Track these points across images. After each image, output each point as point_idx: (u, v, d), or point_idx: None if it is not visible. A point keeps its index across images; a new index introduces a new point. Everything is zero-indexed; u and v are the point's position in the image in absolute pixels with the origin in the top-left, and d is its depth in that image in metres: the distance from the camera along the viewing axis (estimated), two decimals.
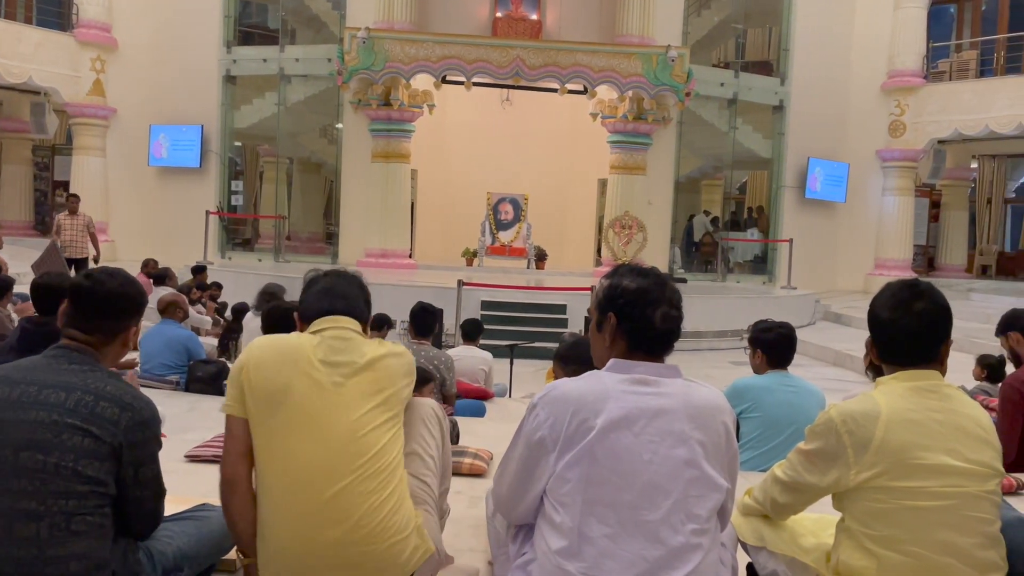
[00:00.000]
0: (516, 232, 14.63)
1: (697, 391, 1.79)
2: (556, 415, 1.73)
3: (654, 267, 1.96)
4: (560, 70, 12.76)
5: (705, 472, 1.73)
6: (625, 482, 1.68)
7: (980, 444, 1.84)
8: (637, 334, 1.81)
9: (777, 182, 15.75)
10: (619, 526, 1.67)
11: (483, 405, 5.72)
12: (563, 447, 1.71)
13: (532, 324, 10.01)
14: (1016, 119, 14.77)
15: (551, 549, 1.70)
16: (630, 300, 1.81)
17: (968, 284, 16.71)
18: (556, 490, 1.73)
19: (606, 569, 1.65)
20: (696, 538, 1.69)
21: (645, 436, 1.70)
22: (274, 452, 1.93)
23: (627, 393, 1.73)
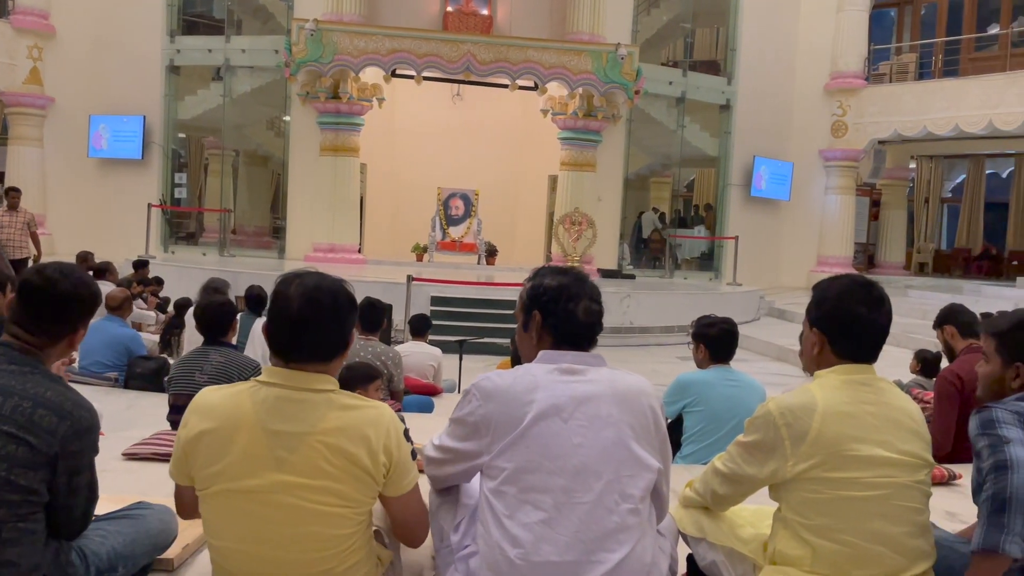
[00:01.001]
0: (467, 228, 14.60)
1: (623, 377, 1.89)
2: (488, 403, 1.81)
3: (572, 266, 2.03)
4: (511, 66, 12.77)
5: (635, 452, 1.81)
6: (557, 467, 1.75)
7: (911, 436, 1.89)
8: (562, 328, 1.91)
9: (724, 180, 16.00)
10: (555, 510, 1.73)
11: (431, 401, 5.71)
12: (495, 434, 1.79)
13: (482, 320, 10.00)
14: (952, 121, 15.24)
15: (491, 538, 1.75)
16: (552, 297, 1.91)
17: (906, 281, 17.20)
18: (492, 480, 1.79)
19: (544, 553, 1.71)
20: (631, 517, 1.77)
21: (574, 422, 1.79)
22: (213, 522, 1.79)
23: (555, 382, 1.82)
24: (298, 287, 1.77)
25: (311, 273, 1.84)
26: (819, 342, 1.98)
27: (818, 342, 1.98)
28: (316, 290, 1.77)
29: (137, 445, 3.37)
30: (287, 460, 1.70)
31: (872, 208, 19.80)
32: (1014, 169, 18.90)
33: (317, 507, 1.71)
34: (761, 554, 2.01)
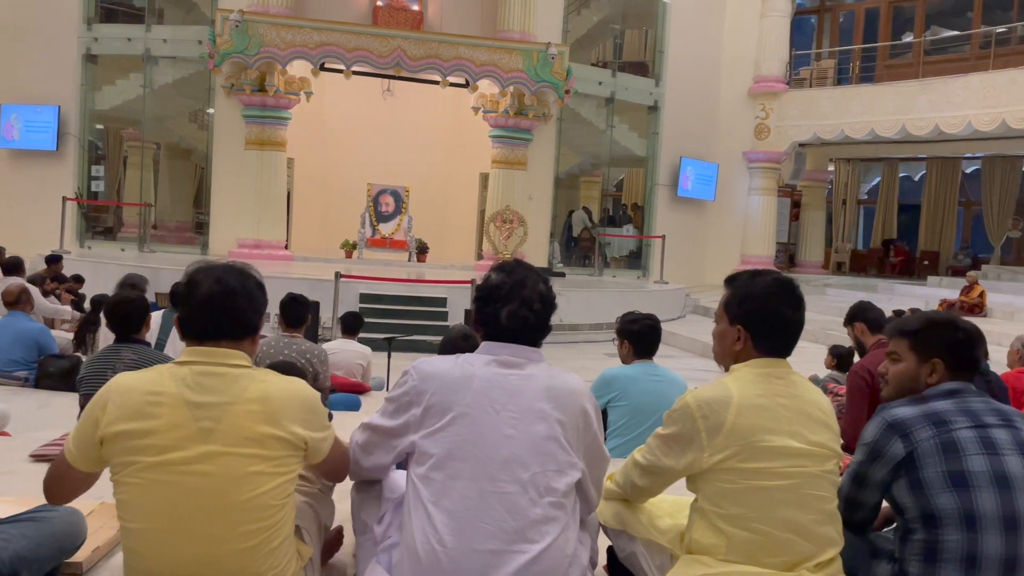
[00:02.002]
0: (397, 224, 14.48)
1: (559, 375, 1.93)
2: (425, 383, 1.85)
3: (528, 266, 2.03)
4: (442, 62, 12.72)
5: (563, 449, 1.85)
6: (486, 455, 1.78)
7: (821, 427, 1.96)
8: (487, 327, 1.95)
9: (651, 180, 16.27)
10: (479, 499, 1.76)
11: (358, 399, 5.64)
12: (427, 414, 1.83)
13: (412, 317, 9.94)
14: (869, 125, 15.83)
15: (414, 524, 1.77)
16: (485, 295, 1.95)
17: (824, 280, 17.81)
18: (420, 466, 1.82)
19: (467, 540, 1.73)
20: (554, 511, 1.79)
21: (506, 413, 1.82)
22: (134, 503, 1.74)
23: (492, 373, 1.86)
24: (206, 272, 1.84)
25: (220, 262, 1.91)
26: (743, 339, 2.02)
27: (741, 338, 2.02)
28: (224, 271, 1.84)
29: (46, 446, 3.24)
30: (214, 430, 1.71)
31: (793, 209, 20.42)
32: (925, 173, 19.74)
33: (246, 475, 1.72)
34: (678, 544, 2.05)
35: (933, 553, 1.87)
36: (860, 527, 2.12)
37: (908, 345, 2.15)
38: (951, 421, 1.94)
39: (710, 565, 1.89)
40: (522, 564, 1.74)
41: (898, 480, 1.95)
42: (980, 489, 1.85)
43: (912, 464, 1.92)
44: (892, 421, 1.98)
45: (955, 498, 1.86)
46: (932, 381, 2.08)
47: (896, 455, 1.95)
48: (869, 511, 2.09)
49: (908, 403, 2.02)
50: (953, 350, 2.07)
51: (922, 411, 1.98)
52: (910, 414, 1.98)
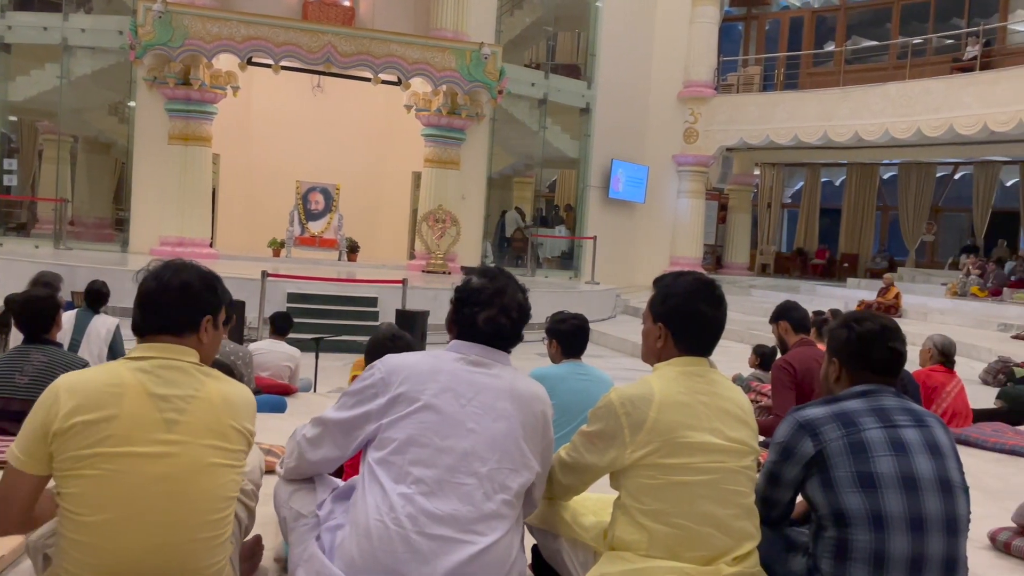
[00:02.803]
0: (327, 223, 14.25)
1: (523, 379, 2.01)
2: (392, 375, 1.89)
3: (509, 275, 2.09)
4: (373, 59, 12.59)
5: (521, 449, 1.91)
6: (447, 446, 1.83)
7: (739, 424, 2.00)
8: (462, 329, 2.00)
9: (583, 182, 16.42)
10: (436, 486, 1.80)
11: (284, 401, 5.52)
12: (392, 404, 1.86)
13: (341, 317, 9.80)
14: (793, 131, 16.30)
15: (369, 504, 1.79)
16: (465, 298, 2.01)
17: (750, 281, 18.28)
18: (380, 450, 1.85)
19: (420, 523, 1.76)
20: (505, 509, 1.85)
21: (471, 408, 1.88)
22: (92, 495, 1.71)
23: (460, 369, 1.93)
24: (154, 270, 1.90)
25: (174, 260, 1.96)
26: (663, 336, 2.06)
27: (662, 336, 2.06)
28: (165, 267, 1.90)
29: None
30: (178, 421, 1.75)
31: (720, 212, 20.89)
32: (846, 178, 20.43)
33: (208, 465, 1.77)
34: (601, 541, 2.06)
35: (843, 551, 1.92)
36: (776, 523, 2.16)
37: (828, 346, 2.22)
38: (860, 421, 1.98)
39: (631, 561, 1.91)
40: (469, 555, 1.77)
41: (810, 478, 1.99)
42: (887, 490, 1.90)
43: (822, 463, 1.96)
44: (802, 421, 2.02)
45: (863, 499, 1.90)
46: (834, 380, 2.14)
47: (806, 454, 1.99)
48: (784, 508, 2.13)
49: (820, 403, 2.07)
50: (848, 350, 2.11)
51: (832, 411, 2.02)
52: (820, 414, 2.02)
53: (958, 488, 1.96)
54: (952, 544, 1.92)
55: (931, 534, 1.89)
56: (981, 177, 18.10)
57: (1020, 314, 12.29)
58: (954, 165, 18.83)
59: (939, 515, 1.90)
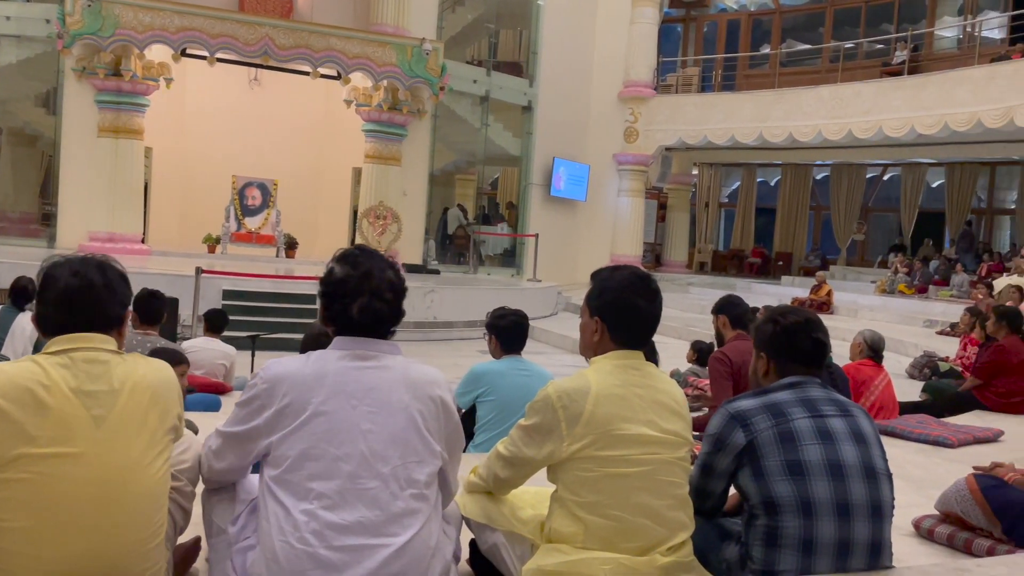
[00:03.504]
0: (264, 218, 13.98)
1: (416, 366, 1.92)
2: (275, 387, 1.80)
3: (372, 252, 1.98)
4: (312, 53, 12.39)
5: (424, 440, 1.84)
6: (344, 453, 1.75)
7: (673, 416, 2.03)
8: (338, 323, 1.90)
9: (525, 179, 16.45)
10: (339, 496, 1.73)
11: (218, 400, 5.40)
12: (280, 417, 1.78)
13: (279, 314, 9.64)
14: (729, 132, 16.61)
15: (272, 526, 1.73)
16: (331, 291, 1.90)
17: (688, 279, 18.58)
18: (275, 468, 1.77)
19: (327, 538, 1.70)
20: (416, 503, 1.79)
21: (364, 407, 1.80)
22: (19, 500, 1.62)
23: (347, 368, 1.83)
24: (65, 266, 1.80)
25: (76, 255, 1.88)
26: (599, 330, 2.07)
27: (598, 330, 2.07)
28: (82, 263, 1.81)
29: None
30: (106, 417, 1.69)
31: (659, 210, 21.18)
32: (781, 178, 20.92)
33: (140, 463, 1.72)
34: (539, 534, 2.07)
35: (774, 538, 1.96)
36: (710, 513, 2.20)
37: (755, 342, 2.27)
38: (789, 412, 2.04)
39: (568, 553, 1.92)
40: (385, 558, 1.72)
41: (742, 468, 2.04)
42: (815, 477, 1.96)
43: (753, 453, 2.01)
44: (734, 412, 2.07)
45: (792, 486, 1.95)
46: (763, 373, 2.19)
47: (738, 444, 2.03)
48: (717, 498, 2.18)
49: (751, 395, 2.12)
50: (774, 343, 2.16)
51: (762, 402, 2.07)
52: (751, 405, 2.07)
53: (882, 475, 2.03)
54: (877, 529, 1.98)
55: (857, 519, 1.95)
56: (909, 178, 18.73)
57: (944, 311, 12.75)
58: (883, 166, 19.45)
59: (864, 501, 1.97)
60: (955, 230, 18.01)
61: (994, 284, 12.39)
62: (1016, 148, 15.37)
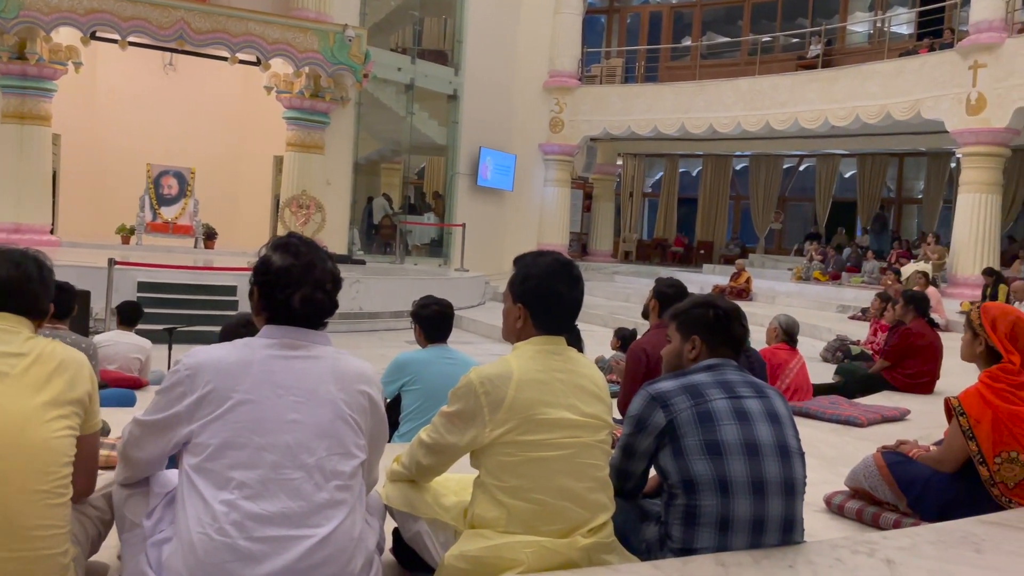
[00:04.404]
0: (181, 208, 13.56)
1: (346, 358, 1.89)
2: (197, 371, 1.76)
3: (311, 243, 1.95)
4: (230, 38, 12.04)
5: (352, 431, 1.82)
6: (268, 443, 1.72)
7: (594, 400, 2.06)
8: (276, 312, 1.86)
9: (452, 169, 16.39)
10: (261, 486, 1.70)
11: (133, 394, 5.23)
12: (202, 404, 1.74)
13: (197, 307, 9.38)
14: (652, 123, 16.88)
15: (190, 517, 1.69)
16: (271, 281, 1.85)
17: (613, 268, 18.85)
18: (195, 456, 1.73)
19: (248, 529, 1.67)
20: (340, 494, 1.77)
21: (290, 397, 1.76)
22: None
23: (274, 358, 1.80)
24: (5, 255, 1.90)
25: (15, 247, 1.96)
26: (522, 316, 2.08)
27: (522, 316, 2.08)
28: (23, 256, 1.92)
29: None
30: (8, 374, 1.75)
31: (585, 200, 21.40)
32: (702, 169, 21.37)
33: (40, 417, 1.75)
34: (462, 520, 2.07)
35: (692, 517, 2.02)
36: (631, 494, 2.24)
37: (675, 326, 2.32)
38: (707, 393, 2.10)
39: (490, 537, 1.93)
40: (306, 549, 1.69)
41: (662, 449, 2.09)
42: (732, 456, 2.02)
43: (673, 433, 2.06)
44: (654, 394, 2.12)
45: (710, 465, 2.01)
46: (692, 357, 2.25)
47: (658, 425, 2.08)
48: (638, 479, 2.22)
49: (670, 377, 2.18)
50: (709, 327, 2.24)
51: (681, 384, 2.13)
52: (670, 387, 2.12)
53: (795, 453, 2.10)
54: (790, 505, 2.06)
55: (771, 497, 2.02)
56: (823, 169, 19.38)
57: (856, 296, 13.26)
58: (799, 157, 20.07)
59: (778, 479, 2.03)
60: (866, 219, 18.74)
61: (902, 270, 12.95)
62: (923, 140, 16.07)
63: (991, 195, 12.51)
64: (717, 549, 2.00)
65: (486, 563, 1.91)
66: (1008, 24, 12.17)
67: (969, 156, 12.61)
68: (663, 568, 1.94)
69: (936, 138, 14.72)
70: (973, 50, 12.24)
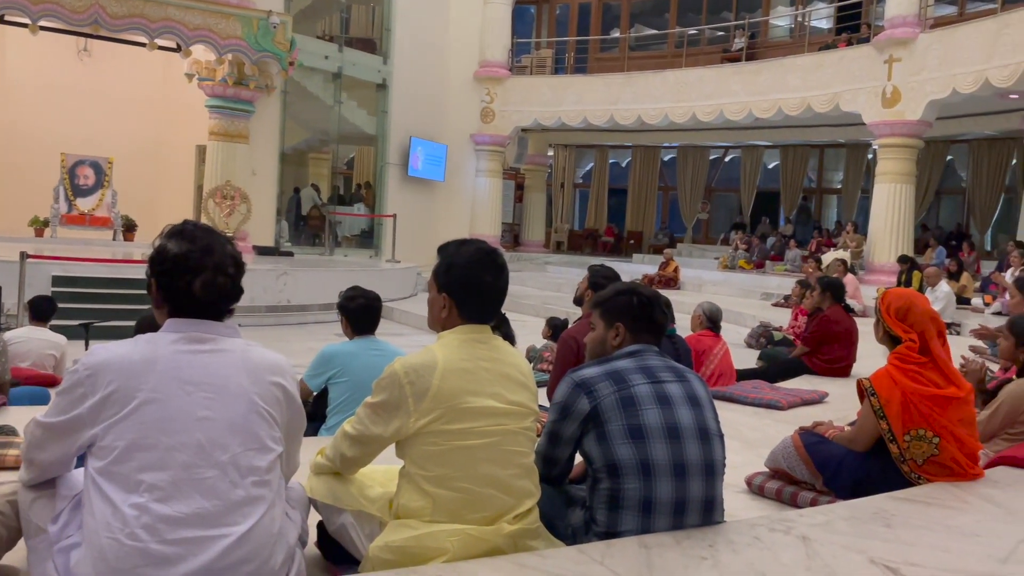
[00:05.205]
0: (99, 199, 13.08)
1: (257, 350, 1.83)
2: (98, 371, 1.68)
3: (207, 227, 1.89)
4: (148, 23, 11.63)
5: (267, 424, 1.77)
6: (178, 442, 1.66)
7: (519, 387, 2.06)
8: (176, 301, 1.79)
9: (382, 159, 16.21)
10: (173, 487, 1.64)
11: (47, 392, 5.02)
12: (105, 406, 1.66)
13: (116, 301, 9.07)
14: (582, 114, 17.00)
15: (99, 522, 1.62)
16: (169, 269, 1.78)
17: (545, 258, 18.95)
18: (101, 460, 1.66)
19: (159, 531, 1.61)
20: (257, 490, 1.72)
21: (200, 394, 1.70)
22: None
23: (181, 353, 1.73)
24: None
25: None
26: (448, 305, 2.07)
27: (447, 305, 2.07)
28: None
29: None
30: None
31: (517, 191, 21.44)
32: (631, 160, 21.65)
33: None
34: (387, 511, 2.06)
35: (616, 500, 2.05)
36: (557, 480, 2.26)
37: (599, 313, 2.35)
38: (630, 378, 2.13)
39: (415, 527, 1.92)
40: (223, 548, 1.65)
41: (587, 434, 2.11)
42: (654, 440, 2.06)
43: (597, 418, 2.09)
44: (579, 380, 2.14)
45: (633, 449, 2.05)
46: (616, 344, 2.28)
47: (583, 411, 2.10)
48: (564, 465, 2.24)
49: (594, 364, 2.20)
50: (633, 314, 2.27)
51: (605, 370, 2.15)
52: (594, 373, 2.15)
53: (714, 435, 2.16)
54: (710, 486, 2.11)
55: (692, 478, 2.06)
56: (748, 160, 19.85)
57: (779, 284, 13.64)
58: (725, 149, 20.51)
59: (699, 461, 2.08)
60: (789, 209, 19.28)
61: (823, 258, 13.37)
62: (842, 131, 16.60)
63: (905, 185, 13.00)
64: (640, 531, 2.04)
65: (411, 553, 1.90)
66: (921, 20, 12.64)
67: (885, 147, 13.08)
68: (587, 552, 1.96)
69: (854, 130, 15.22)
70: (888, 45, 12.68)
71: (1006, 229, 16.07)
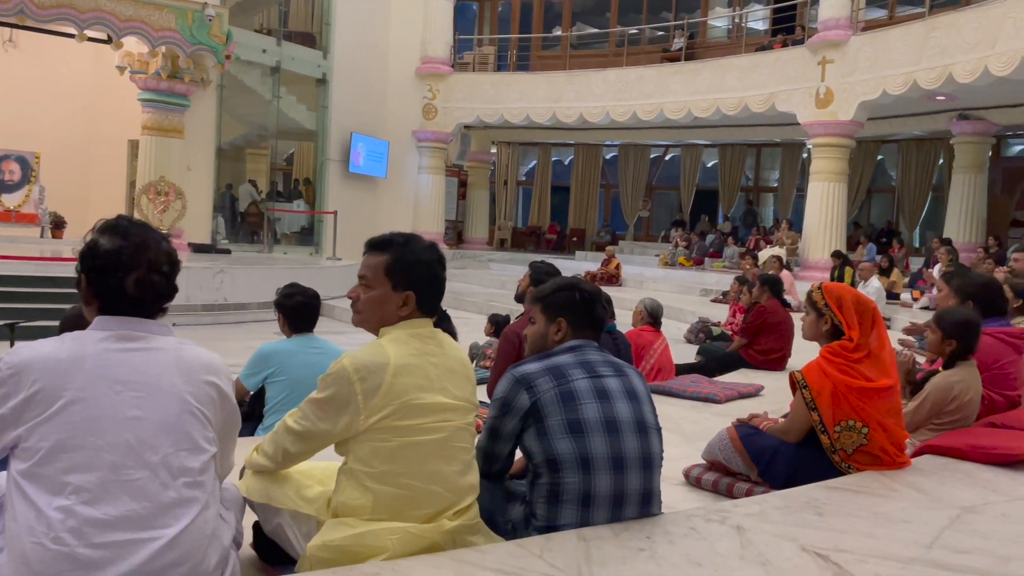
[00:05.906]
0: (25, 195, 12.63)
1: (191, 349, 1.79)
2: (22, 371, 1.62)
3: (141, 223, 1.83)
4: (77, 14, 11.25)
5: (198, 425, 1.73)
6: (106, 443, 1.61)
7: (464, 381, 2.06)
8: (108, 299, 1.73)
9: (322, 155, 16.00)
10: (101, 489, 1.59)
11: None
12: (27, 407, 1.60)
13: (44, 300, 8.77)
14: (525, 111, 17.03)
15: (22, 526, 1.56)
16: (99, 265, 1.72)
17: (488, 255, 18.96)
18: (24, 461, 1.60)
19: (86, 534, 1.56)
20: (189, 491, 1.68)
21: (130, 393, 1.66)
22: None
23: (110, 351, 1.68)
24: None
25: None
26: (408, 302, 2.02)
27: (408, 302, 2.02)
28: None
29: None
30: None
31: (460, 188, 21.37)
32: (574, 158, 21.79)
33: None
34: (325, 510, 2.03)
35: (556, 495, 2.06)
36: (497, 476, 2.27)
37: (539, 308, 2.35)
38: (570, 373, 2.14)
39: (354, 526, 1.90)
40: (154, 551, 1.60)
41: (527, 430, 2.12)
42: (593, 434, 2.07)
43: (537, 413, 2.09)
44: (519, 376, 2.15)
45: (572, 444, 2.06)
46: (558, 338, 2.30)
47: (523, 406, 2.11)
48: (504, 461, 2.25)
49: (535, 359, 2.21)
50: (574, 309, 2.29)
51: (545, 365, 2.16)
52: (535, 368, 2.15)
53: (652, 429, 2.18)
54: (647, 479, 2.13)
55: (630, 471, 2.08)
56: (687, 159, 20.16)
57: (718, 280, 13.89)
58: (665, 147, 20.79)
59: (636, 454, 2.10)
60: (727, 207, 19.63)
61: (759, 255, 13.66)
62: (778, 131, 16.97)
63: (838, 184, 13.37)
64: (579, 524, 2.05)
65: (350, 552, 1.88)
66: (853, 22, 13.01)
67: (818, 147, 13.42)
68: (526, 546, 1.96)
69: (790, 130, 15.58)
70: (821, 46, 13.01)
71: (933, 227, 16.66)
